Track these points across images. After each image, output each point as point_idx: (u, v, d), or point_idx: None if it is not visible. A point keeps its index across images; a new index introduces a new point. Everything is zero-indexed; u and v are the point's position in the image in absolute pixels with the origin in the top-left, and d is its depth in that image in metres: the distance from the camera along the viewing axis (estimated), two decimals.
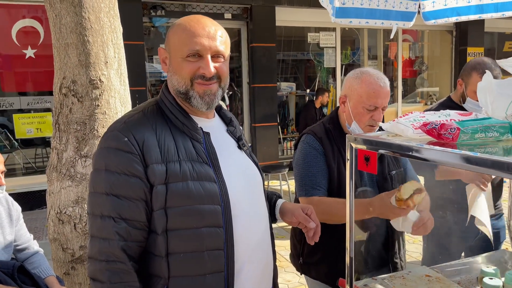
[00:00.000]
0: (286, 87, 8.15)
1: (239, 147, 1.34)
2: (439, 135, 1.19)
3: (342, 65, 8.24)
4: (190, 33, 1.16)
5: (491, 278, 1.44)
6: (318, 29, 7.89)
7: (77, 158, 2.34)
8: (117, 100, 2.43)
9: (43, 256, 2.15)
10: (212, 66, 1.18)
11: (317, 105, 7.11)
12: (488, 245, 2.15)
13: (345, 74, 8.47)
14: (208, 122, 1.27)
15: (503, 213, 2.37)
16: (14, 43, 5.53)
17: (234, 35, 7.18)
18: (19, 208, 2.12)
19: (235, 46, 7.36)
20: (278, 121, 7.45)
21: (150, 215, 1.14)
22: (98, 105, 2.34)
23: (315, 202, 1.64)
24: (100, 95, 2.34)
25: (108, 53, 2.37)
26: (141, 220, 1.13)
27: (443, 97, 9.99)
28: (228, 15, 6.79)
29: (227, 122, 1.37)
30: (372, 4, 2.53)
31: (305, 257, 1.90)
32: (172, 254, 1.14)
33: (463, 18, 2.72)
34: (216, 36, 1.19)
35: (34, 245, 2.16)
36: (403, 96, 8.96)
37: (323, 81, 8.33)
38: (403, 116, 1.45)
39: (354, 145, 1.40)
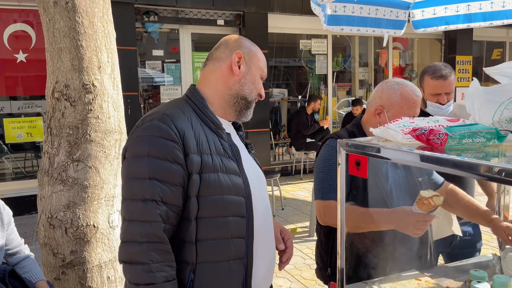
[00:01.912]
0: (278, 93, 8.20)
1: (248, 150, 1.47)
2: (428, 140, 1.22)
3: (333, 72, 8.31)
4: (265, 62, 1.43)
5: (479, 282, 1.46)
6: (310, 36, 7.96)
7: (69, 163, 2.33)
8: (110, 105, 2.43)
9: (34, 261, 2.13)
10: None
11: (309, 111, 7.16)
12: (465, 251, 2.20)
13: (336, 81, 8.54)
14: (227, 125, 1.40)
15: None
16: (6, 47, 5.50)
17: None
18: (10, 212, 2.10)
19: None
20: (270, 127, 7.48)
21: (185, 201, 1.22)
22: (91, 110, 2.34)
23: (332, 207, 1.60)
24: (93, 99, 2.34)
25: (101, 58, 2.37)
26: (179, 205, 1.21)
27: None
28: (220, 22, 6.83)
29: (237, 127, 1.50)
30: (363, 12, 2.57)
31: (333, 268, 1.85)
32: (201, 240, 1.23)
33: (452, 27, 2.78)
34: None
35: (25, 250, 2.15)
36: None
37: (314, 87, 8.39)
38: (393, 121, 1.48)
39: (344, 150, 1.43)
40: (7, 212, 2.09)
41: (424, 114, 2.26)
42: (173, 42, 6.76)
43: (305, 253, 4.06)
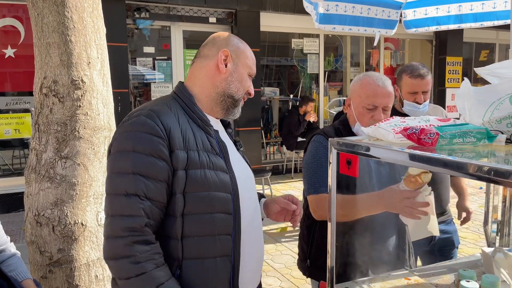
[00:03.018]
0: (270, 92, 8.19)
1: (237, 148, 1.48)
2: (419, 139, 1.22)
3: (325, 72, 8.32)
4: (254, 59, 1.44)
5: (468, 281, 1.47)
6: (302, 35, 7.97)
7: (57, 160, 2.30)
8: (99, 101, 2.40)
9: (20, 259, 2.09)
10: None
11: (301, 112, 7.16)
12: (444, 250, 2.24)
13: (328, 81, 8.56)
14: (215, 122, 1.41)
15: (452, 218, 2.44)
16: None
17: None
18: None
19: None
20: (262, 125, 7.47)
21: (169, 198, 1.22)
22: (79, 106, 2.31)
23: (325, 200, 1.61)
24: (82, 95, 2.31)
25: (90, 54, 2.34)
26: (163, 202, 1.21)
27: None
28: (212, 19, 6.80)
29: (226, 125, 1.50)
30: (355, 12, 2.57)
31: (312, 259, 1.91)
32: (187, 237, 1.23)
33: (443, 27, 2.80)
34: None
35: (11, 248, 2.10)
36: None
37: (306, 87, 8.40)
38: (384, 121, 1.48)
39: (335, 149, 1.42)
40: None
41: (400, 114, 2.27)
42: (165, 39, 6.72)
43: (295, 252, 4.06)
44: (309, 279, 2.05)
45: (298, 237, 2.09)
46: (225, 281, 1.29)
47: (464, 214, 2.43)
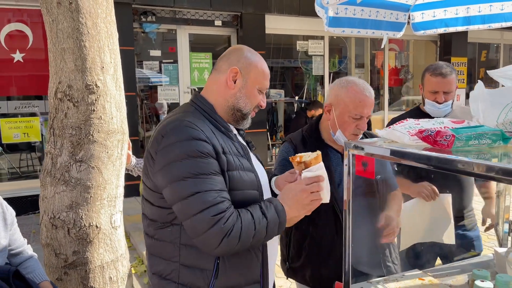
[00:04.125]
0: (275, 94, 8.22)
1: (250, 148, 1.58)
2: (435, 141, 1.24)
3: (330, 73, 8.34)
4: (267, 75, 1.49)
5: (483, 281, 1.48)
6: (306, 37, 7.99)
7: (71, 163, 2.33)
8: (112, 105, 2.43)
9: (37, 261, 2.13)
10: None
11: (309, 115, 7.18)
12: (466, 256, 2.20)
13: (333, 82, 8.57)
14: (232, 128, 1.51)
15: (475, 223, 2.35)
16: (3, 47, 5.46)
17: (224, 42, 7.22)
18: (13, 212, 2.10)
19: None
20: (267, 127, 7.50)
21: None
22: (93, 110, 2.34)
23: None
24: (96, 100, 2.35)
25: (104, 59, 2.38)
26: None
27: None
28: (218, 22, 6.83)
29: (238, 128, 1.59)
30: (364, 15, 2.60)
31: (290, 262, 1.96)
32: None
33: (451, 29, 2.82)
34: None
35: (28, 250, 2.14)
36: (389, 104, 9.11)
37: (311, 88, 8.42)
38: (398, 123, 1.50)
39: (351, 151, 1.44)
40: (11, 212, 2.08)
41: (423, 113, 2.27)
42: (171, 42, 6.76)
43: None
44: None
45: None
46: (257, 272, 1.42)
47: (489, 221, 2.33)
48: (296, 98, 8.52)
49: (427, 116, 2.23)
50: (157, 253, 1.43)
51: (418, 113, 2.29)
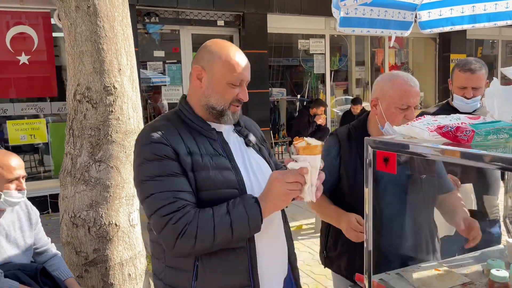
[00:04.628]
0: (277, 93, 8.27)
1: (247, 144, 1.50)
2: (454, 137, 1.30)
3: (331, 71, 8.40)
4: (237, 64, 1.38)
5: (498, 270, 1.54)
6: (308, 36, 8.05)
7: (91, 163, 2.39)
8: (129, 106, 2.49)
9: (61, 259, 2.19)
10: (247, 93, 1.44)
11: (312, 113, 7.23)
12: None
13: (333, 80, 8.63)
14: (220, 125, 1.45)
15: (498, 218, 2.36)
16: (8, 49, 5.50)
17: None
18: (37, 212, 2.15)
19: None
20: (270, 126, 7.55)
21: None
22: (112, 111, 2.40)
23: None
24: (113, 101, 2.40)
25: (121, 61, 2.43)
26: (188, 190, 1.32)
27: (427, 101, 10.09)
28: (220, 22, 6.88)
29: (235, 123, 1.53)
30: (373, 14, 2.66)
31: (328, 251, 2.03)
32: None
33: (457, 27, 2.88)
34: (248, 67, 1.44)
35: (52, 248, 2.20)
36: None
37: (312, 87, 8.48)
38: (416, 120, 1.55)
39: (372, 147, 1.50)
40: (35, 212, 2.14)
41: (452, 108, 2.30)
42: (174, 42, 6.80)
43: (313, 249, 4.14)
44: (330, 273, 2.14)
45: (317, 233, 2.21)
46: (244, 275, 1.35)
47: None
48: (298, 96, 8.58)
49: (456, 111, 2.26)
50: (153, 253, 1.46)
51: (447, 108, 2.33)
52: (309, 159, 1.26)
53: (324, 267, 2.10)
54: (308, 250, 4.11)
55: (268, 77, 7.51)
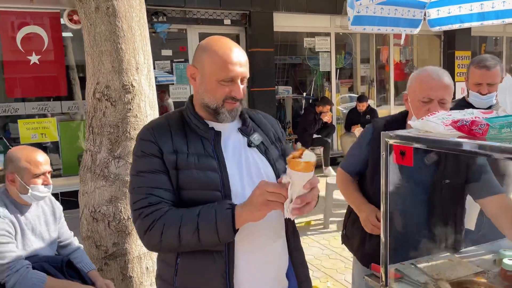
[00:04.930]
0: (283, 91, 8.33)
1: (248, 145, 1.44)
2: (470, 130, 1.35)
3: (336, 69, 8.45)
4: (226, 61, 1.33)
5: (510, 259, 1.60)
6: (313, 34, 8.09)
7: (110, 159, 2.46)
8: (146, 104, 2.56)
9: (84, 252, 2.26)
10: (241, 90, 1.37)
11: (317, 111, 7.28)
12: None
13: (339, 78, 8.67)
14: (221, 124, 1.41)
15: None
16: (19, 49, 5.57)
17: (233, 40, 7.32)
18: (60, 207, 2.23)
19: None
20: None
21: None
22: (130, 109, 2.47)
23: (338, 172, 2.16)
24: (132, 99, 2.47)
25: (139, 60, 2.50)
26: (166, 187, 1.33)
27: None
28: (227, 21, 6.94)
29: (243, 122, 1.49)
30: (383, 13, 2.71)
31: (346, 229, 2.16)
32: None
33: (466, 25, 2.93)
34: (243, 63, 1.37)
35: (75, 241, 2.27)
36: (395, 98, 9.22)
37: (318, 84, 8.53)
38: (430, 115, 1.61)
39: (388, 141, 1.56)
40: (58, 207, 2.21)
41: (468, 104, 2.36)
42: (181, 41, 6.87)
43: (322, 244, 4.21)
44: (339, 267, 2.21)
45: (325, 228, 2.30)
46: (218, 283, 1.31)
47: None
48: (304, 94, 8.63)
49: (471, 107, 2.30)
50: None
51: (463, 104, 2.39)
52: (290, 173, 1.18)
53: (342, 243, 2.21)
54: (318, 245, 4.18)
55: (274, 75, 7.57)
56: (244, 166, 1.39)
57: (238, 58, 1.35)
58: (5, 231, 1.87)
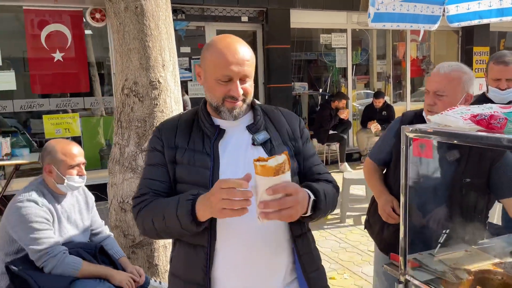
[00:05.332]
0: (300, 87, 8.38)
1: (253, 143, 1.40)
2: (488, 124, 1.41)
3: (353, 65, 8.46)
4: (223, 60, 1.30)
5: None
6: (329, 31, 8.12)
7: (138, 153, 2.57)
8: (172, 100, 2.66)
9: (114, 240, 2.38)
10: (240, 89, 1.34)
11: (333, 106, 7.32)
12: None
13: (355, 74, 8.68)
14: (229, 122, 1.40)
15: None
16: (43, 47, 5.75)
17: (250, 37, 7.41)
18: (93, 196, 2.35)
19: (251, 48, 7.57)
20: None
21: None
22: (156, 104, 2.58)
23: (366, 160, 2.25)
24: (158, 95, 2.58)
25: (165, 57, 2.60)
26: (162, 179, 1.40)
27: None
28: (244, 18, 7.02)
29: (254, 120, 1.46)
30: (403, 9, 2.75)
31: (368, 214, 2.27)
32: None
33: (485, 21, 2.95)
34: (245, 62, 1.34)
35: (106, 230, 2.39)
36: (411, 94, 9.19)
37: (334, 81, 8.55)
38: (449, 110, 1.67)
39: (408, 135, 1.63)
40: (91, 197, 2.33)
41: (488, 99, 2.42)
42: (199, 38, 6.98)
43: (339, 237, 4.28)
44: (356, 260, 2.29)
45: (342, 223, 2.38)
46: (199, 275, 1.32)
47: None
48: (320, 90, 8.67)
49: (491, 102, 2.35)
50: None
51: (483, 99, 2.46)
52: (254, 176, 1.15)
53: (364, 229, 2.32)
54: (334, 239, 4.25)
55: (291, 72, 7.62)
56: (242, 165, 1.35)
57: (238, 57, 1.32)
58: (43, 218, 1.99)
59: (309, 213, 1.30)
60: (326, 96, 8.38)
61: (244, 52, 1.34)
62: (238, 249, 1.34)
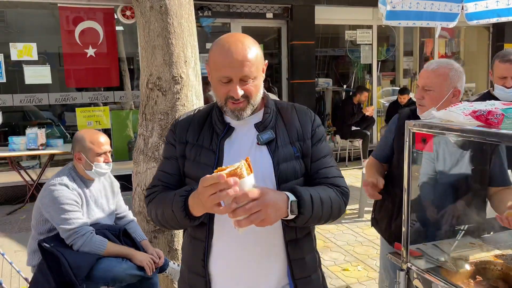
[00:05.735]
0: (323, 83, 8.41)
1: (257, 142, 1.38)
2: (486, 120, 1.48)
3: (378, 62, 8.41)
4: (222, 60, 1.29)
5: None
6: (354, 27, 8.10)
7: (160, 143, 2.74)
8: (193, 94, 2.81)
9: (137, 224, 2.55)
10: (239, 90, 1.31)
11: (355, 101, 7.33)
12: None
13: (381, 70, 8.63)
14: (239, 120, 1.39)
15: None
16: (77, 43, 6.05)
17: (274, 33, 7.50)
18: (118, 183, 2.53)
19: (275, 44, 7.67)
20: None
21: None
22: (178, 98, 2.73)
23: (369, 159, 2.35)
24: (180, 89, 2.73)
25: (187, 54, 2.75)
26: (171, 172, 1.46)
27: (479, 91, 9.85)
28: (269, 15, 7.11)
29: (265, 116, 1.43)
30: (419, 7, 2.79)
31: (375, 213, 2.35)
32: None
33: (503, 19, 2.95)
34: (245, 62, 1.29)
35: (130, 215, 2.57)
36: None
37: (359, 77, 8.54)
38: (453, 106, 1.74)
39: (411, 129, 1.70)
40: (116, 183, 2.51)
41: (493, 97, 2.45)
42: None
43: (356, 231, 4.35)
44: (371, 254, 2.37)
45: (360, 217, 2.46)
46: (198, 265, 1.38)
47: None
48: (344, 86, 8.67)
49: (496, 100, 2.40)
50: None
51: (488, 97, 2.49)
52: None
53: (371, 226, 2.39)
54: (351, 233, 4.33)
55: (315, 68, 7.67)
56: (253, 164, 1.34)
57: (237, 57, 1.28)
58: (73, 201, 2.18)
59: (290, 216, 1.25)
60: (350, 92, 8.38)
61: (244, 52, 1.29)
62: (232, 247, 1.36)
